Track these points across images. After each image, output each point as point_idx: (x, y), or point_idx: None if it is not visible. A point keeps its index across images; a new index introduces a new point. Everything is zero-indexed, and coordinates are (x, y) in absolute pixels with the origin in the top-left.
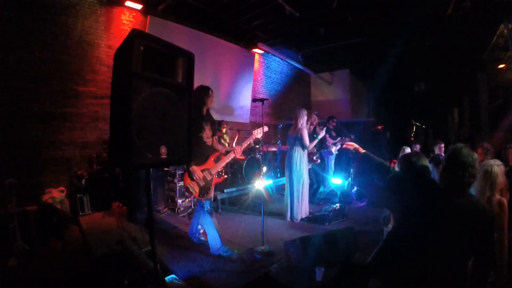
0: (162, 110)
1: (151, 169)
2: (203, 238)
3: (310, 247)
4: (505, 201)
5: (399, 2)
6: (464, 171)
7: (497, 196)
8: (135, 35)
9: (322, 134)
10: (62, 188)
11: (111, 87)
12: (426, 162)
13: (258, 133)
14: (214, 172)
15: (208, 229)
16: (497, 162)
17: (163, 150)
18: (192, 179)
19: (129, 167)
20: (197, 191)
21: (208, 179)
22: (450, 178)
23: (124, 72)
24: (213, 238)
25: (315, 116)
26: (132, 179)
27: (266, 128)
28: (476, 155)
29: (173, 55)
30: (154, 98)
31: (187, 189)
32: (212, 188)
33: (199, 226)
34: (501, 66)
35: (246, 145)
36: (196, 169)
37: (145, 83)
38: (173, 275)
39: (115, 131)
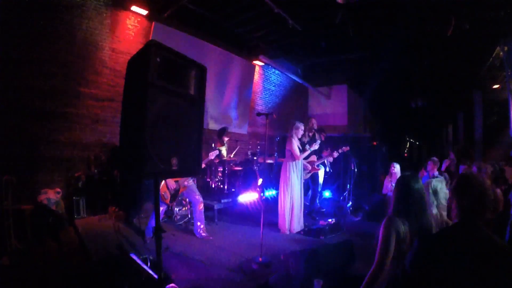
0: (175, 121)
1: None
2: (204, 234)
3: (309, 259)
4: None
5: (401, 20)
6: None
7: None
8: (152, 46)
9: (315, 146)
10: (58, 189)
11: (123, 95)
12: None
13: (213, 155)
14: (181, 183)
15: None
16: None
17: (174, 161)
18: (167, 188)
19: (141, 176)
20: (169, 197)
21: (178, 188)
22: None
23: (140, 81)
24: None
25: (313, 120)
26: (131, 184)
27: (217, 152)
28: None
29: (186, 66)
30: (168, 108)
31: (162, 196)
32: (178, 195)
33: (199, 223)
34: (496, 86)
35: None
36: (171, 181)
37: (160, 93)
38: (172, 284)
39: (128, 138)
